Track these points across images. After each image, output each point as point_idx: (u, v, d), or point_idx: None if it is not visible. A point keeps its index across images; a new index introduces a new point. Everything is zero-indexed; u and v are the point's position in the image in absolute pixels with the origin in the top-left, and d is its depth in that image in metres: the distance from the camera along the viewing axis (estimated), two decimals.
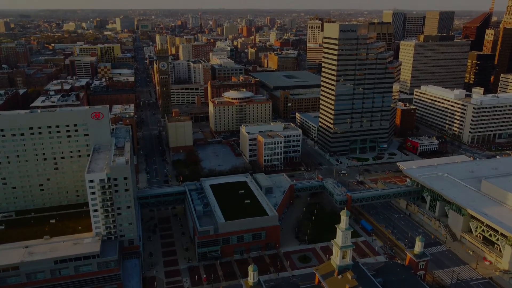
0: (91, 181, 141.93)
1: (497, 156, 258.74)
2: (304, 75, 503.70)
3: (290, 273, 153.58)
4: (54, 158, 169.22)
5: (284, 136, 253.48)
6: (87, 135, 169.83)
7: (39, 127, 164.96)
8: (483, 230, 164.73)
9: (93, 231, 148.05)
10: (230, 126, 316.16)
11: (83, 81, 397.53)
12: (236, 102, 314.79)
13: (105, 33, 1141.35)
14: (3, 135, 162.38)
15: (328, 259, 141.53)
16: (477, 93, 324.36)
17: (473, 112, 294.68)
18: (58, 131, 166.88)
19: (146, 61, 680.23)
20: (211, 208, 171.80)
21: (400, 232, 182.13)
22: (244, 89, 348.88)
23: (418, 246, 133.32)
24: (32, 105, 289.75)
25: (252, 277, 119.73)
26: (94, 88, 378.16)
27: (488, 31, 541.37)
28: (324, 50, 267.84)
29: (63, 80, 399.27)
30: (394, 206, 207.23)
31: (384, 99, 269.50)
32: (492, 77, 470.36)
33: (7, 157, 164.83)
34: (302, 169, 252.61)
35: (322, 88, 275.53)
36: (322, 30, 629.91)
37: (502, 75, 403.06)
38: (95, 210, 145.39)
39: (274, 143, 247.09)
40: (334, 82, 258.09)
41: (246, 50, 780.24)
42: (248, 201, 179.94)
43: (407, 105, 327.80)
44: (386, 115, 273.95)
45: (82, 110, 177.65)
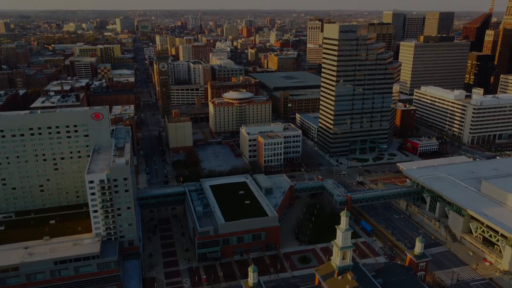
0: (91, 181, 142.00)
1: (497, 157, 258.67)
2: (304, 75, 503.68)
3: (290, 274, 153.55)
4: (54, 159, 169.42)
5: (284, 137, 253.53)
6: (87, 135, 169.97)
7: (39, 128, 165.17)
8: (483, 231, 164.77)
9: (93, 231, 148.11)
10: (230, 127, 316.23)
11: (83, 82, 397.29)
12: (236, 102, 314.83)
13: (105, 33, 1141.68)
14: (3, 136, 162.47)
15: (328, 260, 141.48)
16: (477, 93, 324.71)
17: (473, 113, 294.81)
18: (58, 132, 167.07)
19: (146, 62, 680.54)
20: (211, 208, 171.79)
21: (400, 232, 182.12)
22: (244, 90, 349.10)
23: (418, 247, 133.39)
24: (32, 105, 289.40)
25: (252, 278, 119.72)
26: (94, 88, 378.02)
27: (488, 31, 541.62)
28: (324, 50, 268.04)
29: (63, 81, 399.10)
30: (394, 206, 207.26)
31: (384, 99, 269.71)
32: (492, 78, 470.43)
33: (7, 157, 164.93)
34: (302, 169, 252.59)
35: (322, 88, 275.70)
36: (322, 30, 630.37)
37: (502, 75, 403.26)
38: (95, 211, 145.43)
39: (274, 144, 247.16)
40: (334, 83, 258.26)
41: (246, 51, 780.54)
42: (248, 201, 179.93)
43: (407, 105, 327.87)
44: (386, 115, 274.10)
45: (82, 110, 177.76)
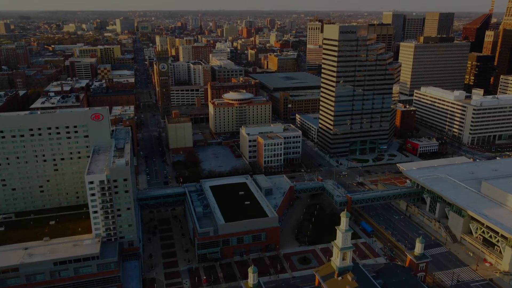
0: (91, 182, 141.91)
1: (497, 158, 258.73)
2: (304, 76, 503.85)
3: (290, 275, 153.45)
4: (54, 160, 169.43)
5: (284, 138, 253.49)
6: (87, 136, 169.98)
7: (39, 129, 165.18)
8: (483, 232, 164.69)
9: (93, 232, 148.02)
10: (230, 128, 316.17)
11: (83, 83, 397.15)
12: (236, 103, 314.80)
13: (105, 34, 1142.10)
14: (3, 137, 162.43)
15: (328, 260, 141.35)
16: (477, 94, 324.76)
17: (473, 114, 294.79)
18: (58, 133, 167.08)
19: (146, 63, 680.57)
20: (211, 209, 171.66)
21: (400, 233, 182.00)
22: (244, 91, 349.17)
23: (418, 248, 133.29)
24: (32, 106, 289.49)
25: (252, 278, 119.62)
26: (94, 89, 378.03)
27: (488, 32, 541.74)
28: (324, 51, 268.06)
29: (63, 82, 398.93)
30: (394, 207, 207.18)
31: (384, 100, 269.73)
32: (492, 79, 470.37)
33: (7, 158, 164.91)
34: (302, 170, 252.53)
35: (322, 89, 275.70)
36: (322, 31, 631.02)
37: (502, 76, 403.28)
38: (95, 212, 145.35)
39: (274, 145, 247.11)
40: (334, 84, 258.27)
41: (246, 52, 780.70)
42: (248, 202, 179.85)
43: (407, 106, 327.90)
44: (386, 116, 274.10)
45: (82, 111, 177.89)
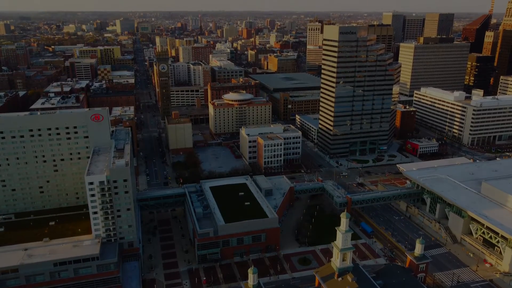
0: (91, 183, 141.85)
1: (497, 158, 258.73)
2: (304, 77, 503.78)
3: (290, 276, 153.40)
4: (54, 160, 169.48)
5: (284, 138, 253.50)
6: (87, 137, 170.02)
7: (39, 129, 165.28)
8: (484, 232, 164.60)
9: (93, 233, 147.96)
10: (230, 128, 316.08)
11: (83, 83, 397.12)
12: (236, 104, 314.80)
13: (105, 35, 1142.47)
14: (3, 137, 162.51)
15: (328, 261, 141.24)
16: (477, 95, 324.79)
17: (473, 114, 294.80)
18: (58, 133, 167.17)
19: (146, 63, 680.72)
20: (211, 210, 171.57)
21: (400, 234, 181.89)
22: (244, 91, 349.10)
23: (418, 248, 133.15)
24: (32, 107, 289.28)
25: (252, 279, 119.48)
26: (94, 90, 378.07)
27: (488, 33, 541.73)
28: (324, 52, 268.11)
29: (63, 82, 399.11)
30: (394, 208, 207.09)
31: (384, 101, 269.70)
32: (492, 79, 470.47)
33: (7, 159, 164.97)
34: (302, 171, 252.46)
35: (322, 90, 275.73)
36: (322, 32, 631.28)
37: (501, 77, 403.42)
38: (95, 212, 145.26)
39: (274, 145, 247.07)
40: (334, 84, 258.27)
41: (246, 52, 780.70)
42: (248, 203, 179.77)
43: (407, 107, 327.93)
44: (386, 117, 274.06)
45: (82, 112, 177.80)
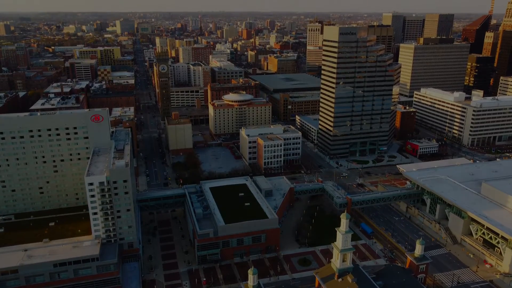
0: (91, 184, 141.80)
1: (497, 159, 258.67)
2: (304, 77, 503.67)
3: (290, 276, 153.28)
4: (54, 161, 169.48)
5: (284, 139, 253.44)
6: (86, 137, 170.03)
7: (39, 130, 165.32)
8: (484, 233, 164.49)
9: (93, 234, 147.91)
10: (230, 129, 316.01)
11: (83, 84, 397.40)
12: (236, 104, 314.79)
13: (105, 35, 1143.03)
14: (3, 138, 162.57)
15: (328, 262, 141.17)
16: (477, 95, 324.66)
17: (473, 115, 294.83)
18: (58, 134, 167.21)
19: (146, 64, 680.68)
20: (211, 211, 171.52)
21: (400, 235, 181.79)
22: (244, 92, 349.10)
23: (419, 249, 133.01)
24: (32, 107, 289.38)
25: (252, 280, 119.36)
26: (94, 90, 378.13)
27: (488, 33, 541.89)
28: (324, 52, 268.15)
29: (63, 83, 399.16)
30: (394, 209, 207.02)
31: (384, 101, 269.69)
32: (492, 80, 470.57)
33: (7, 160, 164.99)
34: (302, 171, 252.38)
35: (322, 90, 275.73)
36: (322, 32, 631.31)
37: (501, 77, 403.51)
38: (95, 213, 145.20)
39: (274, 146, 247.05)
40: (334, 85, 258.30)
41: (246, 53, 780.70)
42: (248, 204, 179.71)
43: (407, 107, 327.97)
44: (386, 117, 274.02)
45: (82, 112, 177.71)
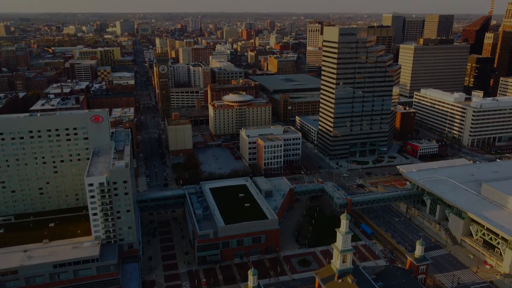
0: (91, 184, 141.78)
1: (497, 159, 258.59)
2: (304, 78, 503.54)
3: (290, 277, 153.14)
4: (54, 162, 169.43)
5: (284, 140, 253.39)
6: (86, 138, 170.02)
7: (39, 131, 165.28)
8: (484, 234, 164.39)
9: (93, 234, 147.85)
10: (230, 130, 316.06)
11: (83, 85, 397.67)
12: (236, 105, 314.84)
13: (105, 36, 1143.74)
14: (3, 139, 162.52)
15: (328, 263, 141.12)
16: (477, 96, 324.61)
17: (473, 115, 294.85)
18: (58, 135, 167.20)
19: (146, 65, 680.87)
20: (210, 211, 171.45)
21: (400, 235, 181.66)
22: (244, 93, 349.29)
23: (419, 250, 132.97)
24: (32, 108, 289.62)
25: (252, 281, 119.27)
26: (94, 91, 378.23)
27: (488, 34, 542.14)
28: (324, 53, 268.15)
29: (63, 84, 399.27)
30: (394, 209, 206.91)
31: (384, 102, 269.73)
32: (492, 80, 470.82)
33: (7, 160, 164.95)
34: (302, 172, 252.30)
35: (322, 91, 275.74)
36: (321, 33, 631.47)
37: (501, 78, 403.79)
38: (95, 214, 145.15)
39: (274, 147, 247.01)
40: (334, 86, 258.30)
41: (246, 54, 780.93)
42: (248, 204, 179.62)
43: (407, 108, 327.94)
44: (386, 118, 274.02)
45: (82, 113, 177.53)
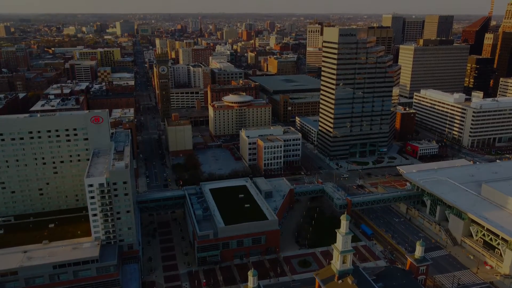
0: (91, 185, 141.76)
1: (497, 160, 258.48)
2: (304, 79, 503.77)
3: (290, 278, 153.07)
4: (54, 163, 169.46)
5: (284, 140, 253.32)
6: (86, 139, 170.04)
7: (39, 131, 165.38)
8: (484, 235, 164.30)
9: (92, 235, 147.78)
10: (230, 130, 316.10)
11: (83, 85, 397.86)
12: (235, 106, 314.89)
13: (105, 37, 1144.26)
14: (3, 139, 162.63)
15: (328, 263, 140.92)
16: (477, 97, 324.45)
17: (473, 116, 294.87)
18: (58, 135, 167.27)
19: (146, 65, 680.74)
20: (210, 212, 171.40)
21: (400, 236, 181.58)
22: (244, 93, 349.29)
23: (419, 251, 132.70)
24: (32, 109, 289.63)
25: (252, 282, 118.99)
26: (94, 92, 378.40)
27: (487, 35, 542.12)
28: (324, 54, 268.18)
29: (63, 84, 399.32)
30: (394, 210, 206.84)
31: (384, 103, 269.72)
32: (492, 81, 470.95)
33: (6, 161, 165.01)
34: (302, 173, 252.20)
35: (321, 92, 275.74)
36: (321, 34, 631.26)
37: (501, 79, 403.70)
38: (95, 215, 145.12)
39: (274, 147, 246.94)
40: (333, 86, 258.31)
41: (245, 54, 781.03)
42: (248, 205, 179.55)
43: (407, 109, 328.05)
44: (386, 119, 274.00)
45: (82, 114, 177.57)
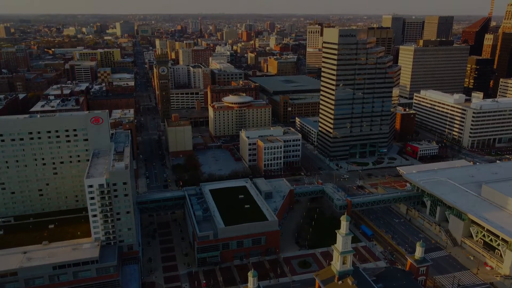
0: (90, 186, 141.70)
1: (497, 161, 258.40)
2: (304, 79, 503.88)
3: (290, 279, 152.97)
4: (53, 163, 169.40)
5: (284, 141, 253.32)
6: (86, 140, 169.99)
7: (39, 132, 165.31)
8: (484, 235, 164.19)
9: (92, 236, 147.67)
10: (230, 131, 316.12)
11: (83, 86, 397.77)
12: (235, 106, 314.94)
13: (105, 38, 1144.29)
14: (2, 140, 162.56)
15: (328, 264, 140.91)
16: (477, 97, 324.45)
17: (473, 117, 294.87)
18: (58, 136, 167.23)
19: (146, 66, 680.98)
20: (210, 213, 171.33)
21: (400, 237, 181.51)
22: (244, 94, 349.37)
23: (419, 251, 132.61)
24: (32, 109, 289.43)
25: (252, 282, 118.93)
26: (94, 92, 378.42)
27: (487, 35, 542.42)
28: (324, 54, 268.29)
29: (63, 85, 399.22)
30: (394, 211, 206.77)
31: (384, 103, 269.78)
32: (492, 82, 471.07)
33: (6, 162, 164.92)
34: (302, 173, 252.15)
35: (321, 92, 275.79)
36: (321, 35, 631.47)
37: (501, 79, 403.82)
38: (94, 215, 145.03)
39: (274, 148, 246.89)
40: (333, 87, 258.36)
41: (245, 55, 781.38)
42: (248, 206, 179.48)
43: (407, 109, 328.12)
44: (385, 119, 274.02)
45: (82, 115, 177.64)
